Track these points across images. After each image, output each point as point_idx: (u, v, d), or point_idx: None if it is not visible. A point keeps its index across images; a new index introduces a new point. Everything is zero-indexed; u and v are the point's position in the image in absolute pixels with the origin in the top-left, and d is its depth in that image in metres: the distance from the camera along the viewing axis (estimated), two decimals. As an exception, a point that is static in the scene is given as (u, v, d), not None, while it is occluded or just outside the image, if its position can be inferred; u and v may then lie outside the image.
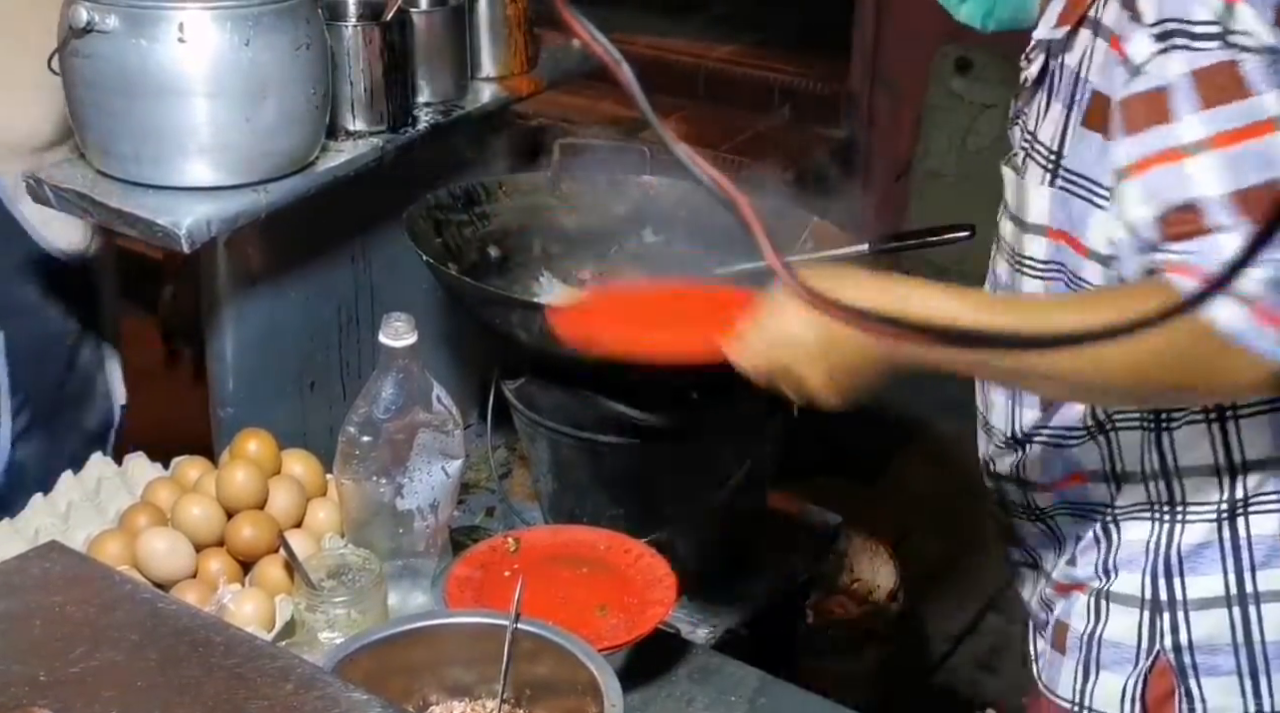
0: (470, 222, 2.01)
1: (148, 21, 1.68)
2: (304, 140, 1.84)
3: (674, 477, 1.86)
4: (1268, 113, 1.23)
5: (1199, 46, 1.24)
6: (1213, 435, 1.41)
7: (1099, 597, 1.50)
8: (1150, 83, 1.26)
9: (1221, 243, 1.23)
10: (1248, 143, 1.23)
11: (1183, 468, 1.43)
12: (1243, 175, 1.23)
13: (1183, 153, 1.25)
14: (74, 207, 1.79)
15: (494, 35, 2.18)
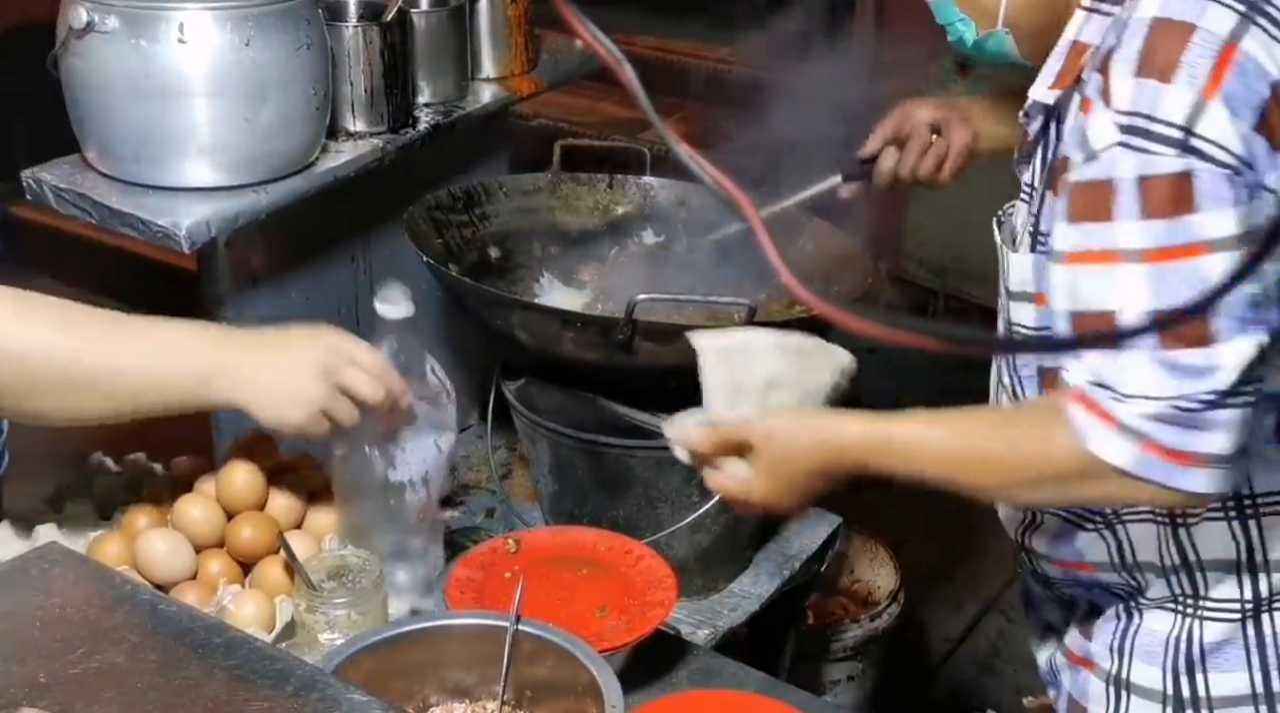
0: (470, 222, 2.02)
1: (148, 22, 1.68)
2: (304, 141, 1.83)
3: (674, 478, 1.85)
4: (1205, 235, 1.18)
5: (1155, 150, 1.18)
6: (1233, 531, 1.39)
7: (1116, 684, 1.47)
8: (1100, 172, 1.22)
9: (1125, 367, 1.21)
10: (1177, 262, 1.19)
11: (1205, 562, 1.40)
12: (1165, 296, 1.19)
13: (1114, 258, 1.21)
14: (74, 207, 1.79)
15: (494, 36, 2.18)
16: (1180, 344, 1.20)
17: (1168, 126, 1.19)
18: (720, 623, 1.92)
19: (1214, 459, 1.23)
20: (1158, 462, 1.22)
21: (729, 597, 1.97)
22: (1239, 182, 1.19)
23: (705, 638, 1.87)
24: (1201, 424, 1.21)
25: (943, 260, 4.04)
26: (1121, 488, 1.25)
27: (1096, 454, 1.23)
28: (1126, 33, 1.22)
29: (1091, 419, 1.24)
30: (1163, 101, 1.19)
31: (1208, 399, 1.20)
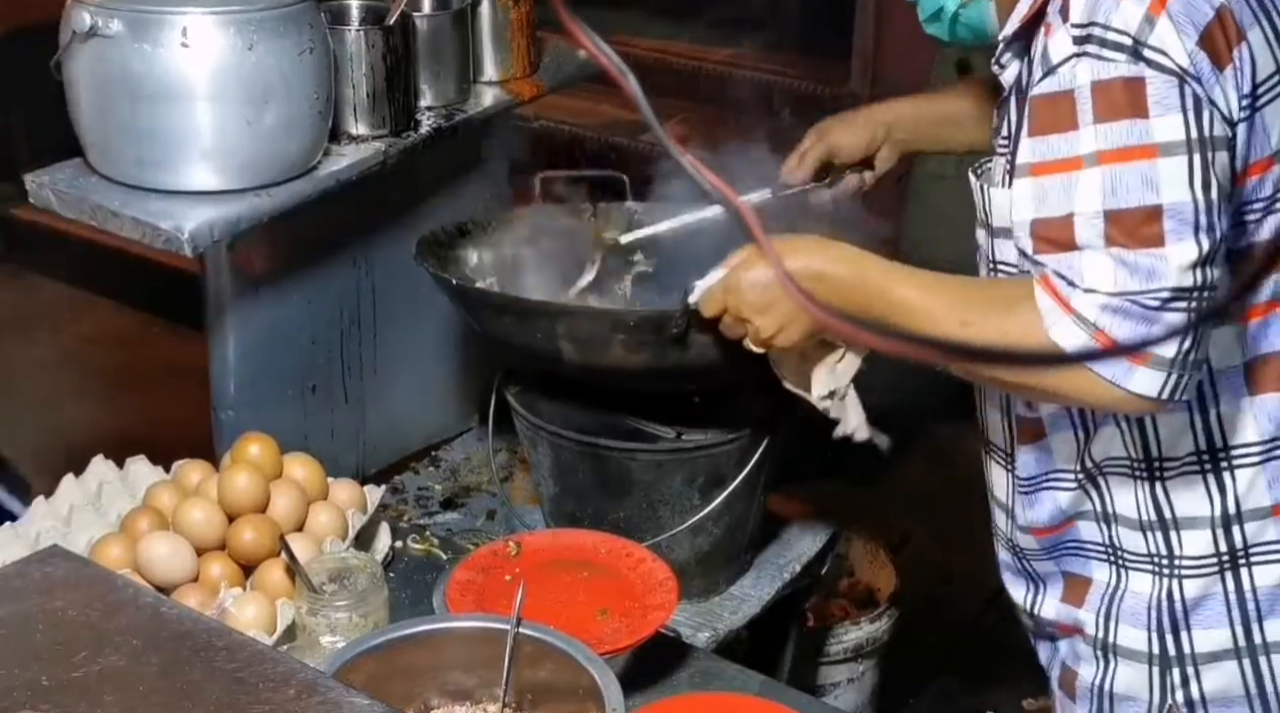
0: (465, 256, 2.01)
1: (151, 26, 1.68)
2: (306, 144, 1.84)
3: (675, 481, 1.86)
4: (1155, 137, 1.25)
5: (1108, 56, 1.25)
6: (1208, 485, 1.42)
7: (1104, 649, 1.50)
8: (1058, 85, 1.29)
9: (1083, 262, 1.27)
10: (1130, 164, 1.25)
11: (1180, 519, 1.44)
12: (1119, 196, 1.25)
13: (1076, 164, 1.27)
14: (77, 210, 1.79)
15: (496, 39, 2.18)
16: (1133, 243, 1.26)
17: (1120, 34, 1.25)
18: (720, 626, 1.92)
19: (1163, 362, 1.27)
20: (1107, 357, 1.28)
21: (729, 599, 1.97)
22: (1187, 90, 1.25)
23: (706, 641, 1.87)
24: (1152, 320, 1.26)
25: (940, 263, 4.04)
26: (1070, 378, 1.30)
27: (1054, 339, 1.29)
28: None
29: (1053, 305, 1.30)
30: (1115, 13, 1.26)
31: (1160, 297, 1.26)
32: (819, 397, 1.60)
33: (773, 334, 1.49)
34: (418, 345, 2.25)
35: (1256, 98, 1.30)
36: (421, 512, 2.15)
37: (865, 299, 1.41)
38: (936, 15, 1.45)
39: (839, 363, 1.58)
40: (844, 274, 1.42)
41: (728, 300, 1.51)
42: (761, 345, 1.52)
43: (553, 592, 1.56)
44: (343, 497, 1.69)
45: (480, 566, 1.60)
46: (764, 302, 1.47)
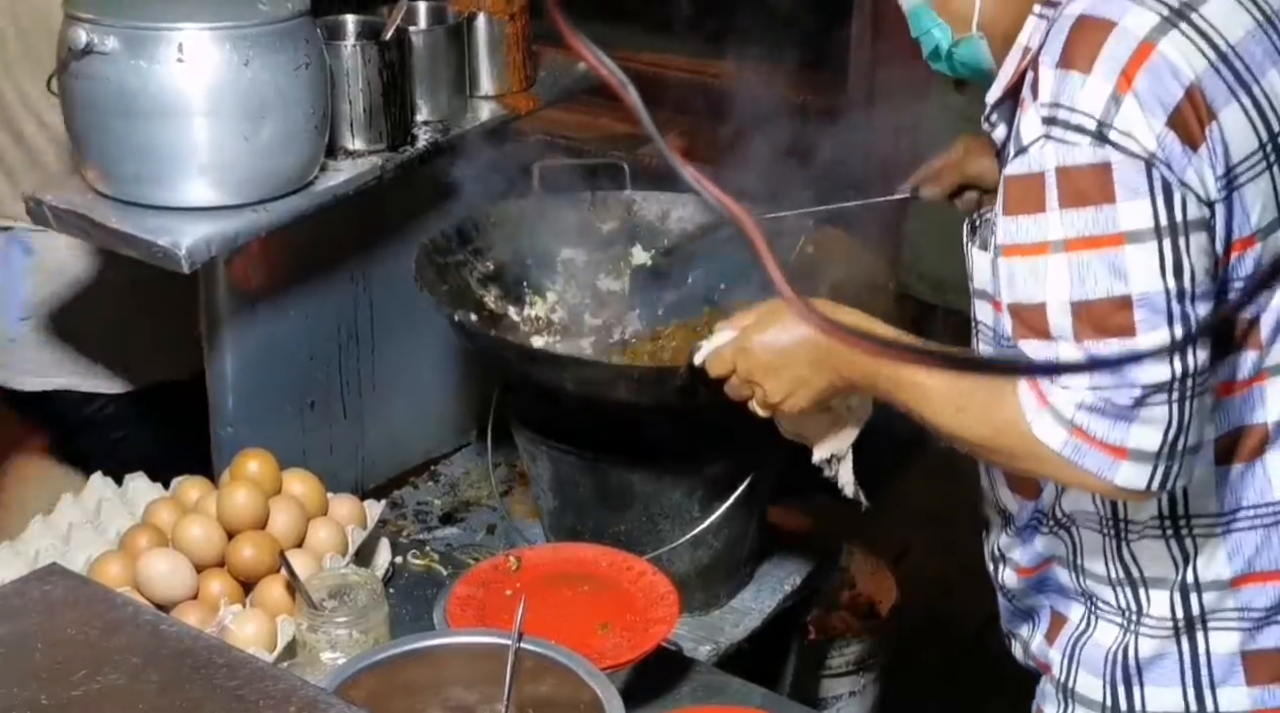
0: (466, 260, 2.01)
1: (147, 42, 1.68)
2: (303, 159, 1.84)
3: (675, 494, 1.85)
4: (1121, 225, 1.21)
5: (1072, 140, 1.22)
6: (1170, 549, 1.40)
7: (1063, 691, 1.51)
8: (1028, 166, 1.25)
9: (1058, 354, 1.25)
10: (1097, 252, 1.22)
11: (1147, 578, 1.42)
12: (1087, 286, 1.22)
13: (1043, 250, 1.24)
14: (74, 228, 1.79)
15: (492, 54, 2.19)
16: (1101, 335, 1.23)
17: (1085, 117, 1.22)
18: (722, 639, 1.92)
19: (1147, 455, 1.25)
20: (1090, 450, 1.25)
21: (730, 612, 1.97)
22: (1155, 174, 1.21)
23: (707, 654, 1.87)
24: (1130, 417, 1.23)
25: (941, 274, 4.04)
26: (1058, 469, 1.29)
27: (1036, 435, 1.27)
28: (1054, 29, 1.27)
29: (1033, 399, 1.28)
30: (1080, 93, 1.23)
31: (1133, 395, 1.23)
32: (819, 459, 1.62)
33: (781, 399, 1.48)
34: (416, 360, 2.24)
35: (1234, 177, 1.26)
36: (421, 527, 2.14)
37: (866, 369, 1.41)
38: (936, 53, 1.43)
39: (840, 430, 1.60)
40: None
41: (737, 362, 1.50)
42: (768, 409, 1.51)
43: (554, 606, 1.55)
44: (342, 513, 1.68)
45: (481, 580, 1.59)
46: (775, 365, 1.46)
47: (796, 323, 1.44)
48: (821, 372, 1.44)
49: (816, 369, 1.44)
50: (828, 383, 1.45)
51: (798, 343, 1.44)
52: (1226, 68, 1.26)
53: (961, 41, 1.40)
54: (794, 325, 1.44)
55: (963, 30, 1.39)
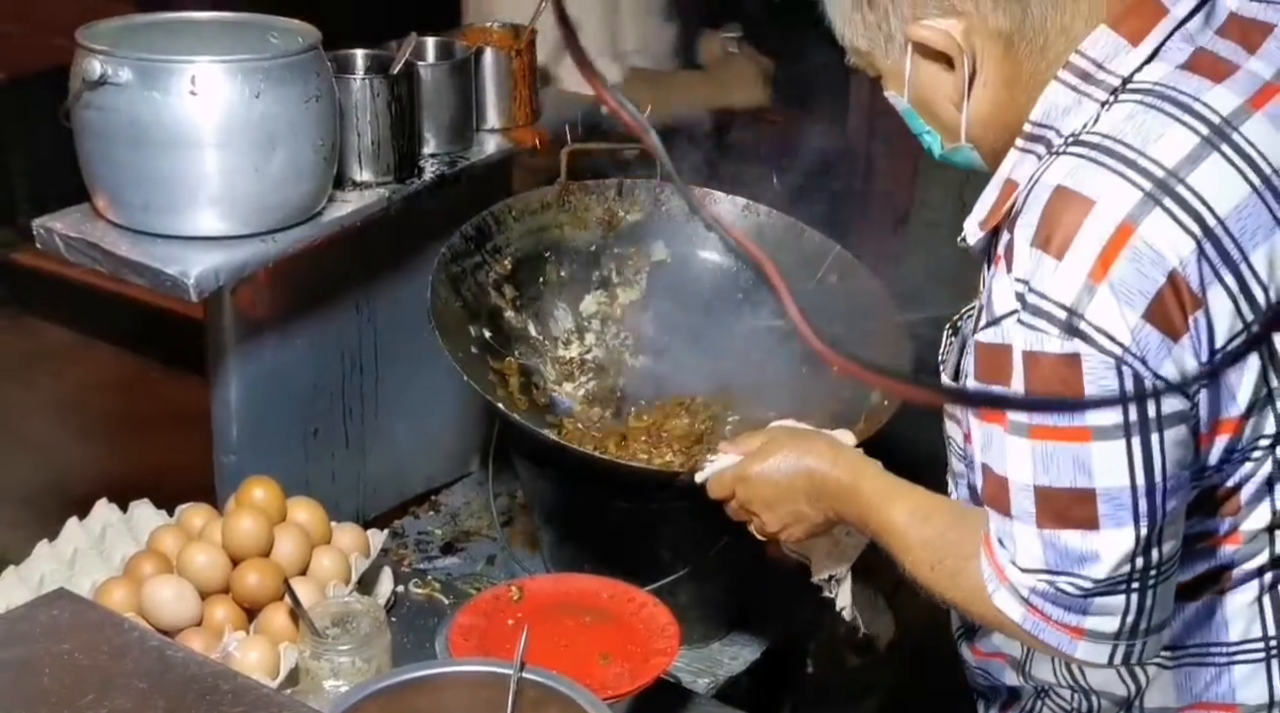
0: (484, 262, 2.00)
1: (160, 74, 1.71)
2: (312, 191, 1.86)
3: (676, 526, 1.86)
4: (1088, 420, 1.16)
5: (1040, 327, 1.15)
6: (1121, 675, 1.37)
7: None
8: (998, 337, 1.20)
9: (1016, 532, 1.22)
10: (1061, 444, 1.17)
11: (1097, 691, 1.40)
12: (1050, 474, 1.18)
13: (1005, 425, 1.21)
14: (83, 256, 1.80)
15: (499, 88, 2.21)
16: (1060, 525, 1.19)
17: (1056, 306, 1.15)
18: (720, 672, 1.93)
19: (1105, 636, 1.23)
20: (1048, 628, 1.24)
21: (729, 645, 1.98)
22: (1126, 371, 1.14)
23: (706, 687, 1.87)
24: (1085, 607, 1.21)
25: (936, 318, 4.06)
26: (1022, 637, 1.28)
27: (997, 606, 1.26)
28: (1031, 196, 1.19)
29: (992, 572, 1.27)
30: (1053, 279, 1.15)
31: (1084, 588, 1.20)
32: (818, 579, 1.66)
33: (778, 530, 1.52)
34: (419, 390, 2.26)
35: (1219, 360, 1.17)
36: (421, 556, 2.15)
37: (858, 509, 1.43)
38: (929, 151, 1.38)
39: (841, 552, 1.64)
40: (843, 480, 1.44)
41: (737, 489, 1.53)
42: (766, 537, 1.56)
43: (555, 636, 1.56)
44: (345, 541, 1.69)
45: (482, 610, 1.60)
46: (773, 497, 1.49)
47: (796, 457, 1.47)
48: (818, 507, 1.47)
49: (813, 504, 1.47)
50: (823, 518, 1.48)
51: (796, 475, 1.47)
52: (1213, 246, 1.15)
53: (954, 151, 1.34)
54: (793, 459, 1.47)
55: (952, 140, 1.33)
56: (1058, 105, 1.23)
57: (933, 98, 1.30)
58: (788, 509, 1.50)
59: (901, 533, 1.37)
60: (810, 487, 1.47)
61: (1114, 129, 1.18)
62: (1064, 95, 1.23)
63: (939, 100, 1.30)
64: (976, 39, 1.24)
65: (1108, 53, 1.21)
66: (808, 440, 1.51)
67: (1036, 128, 1.25)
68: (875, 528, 1.41)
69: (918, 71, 1.29)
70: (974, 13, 1.23)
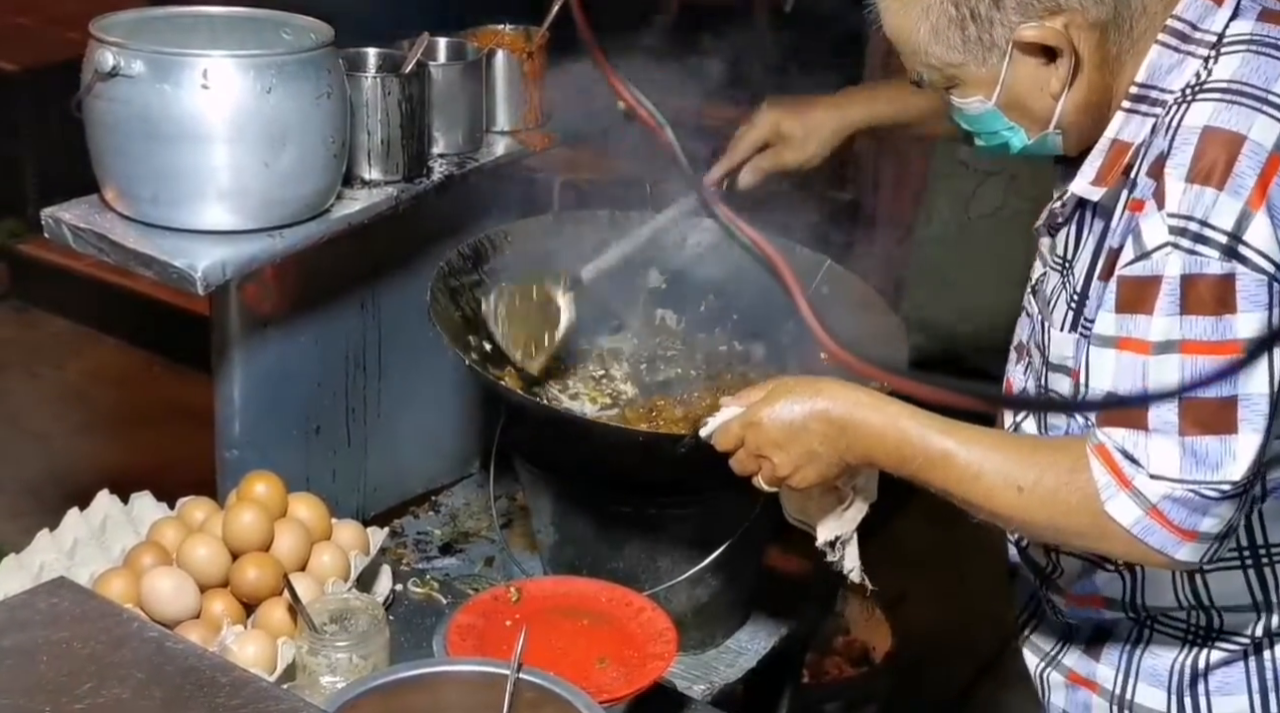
0: (481, 280, 2.01)
1: (173, 67, 1.71)
2: (321, 187, 1.86)
3: (676, 532, 1.86)
4: (1239, 334, 1.27)
5: (1202, 252, 1.27)
6: (1248, 578, 1.45)
7: (1119, 704, 1.53)
8: (1148, 270, 1.30)
9: (1151, 445, 1.29)
10: (1211, 357, 1.27)
11: (1219, 606, 1.47)
12: (1198, 386, 1.28)
13: (1150, 348, 1.29)
14: (91, 247, 1.81)
15: (509, 90, 2.21)
16: (1204, 431, 1.28)
17: (1216, 231, 1.27)
18: (716, 678, 1.92)
19: (1210, 538, 1.31)
20: (1160, 530, 1.30)
21: (725, 652, 1.97)
22: (1276, 288, 1.27)
23: (702, 693, 1.87)
24: (1208, 509, 1.29)
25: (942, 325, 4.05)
26: (1120, 545, 1.33)
27: (1110, 513, 1.31)
28: (1178, 138, 1.30)
29: (1110, 478, 1.31)
30: (1212, 208, 1.27)
31: (1222, 489, 1.29)
32: (823, 542, 1.62)
33: (789, 473, 1.47)
34: (421, 389, 2.26)
35: None
36: (420, 556, 2.15)
37: (899, 450, 1.40)
38: (1002, 147, 1.45)
39: (846, 510, 1.60)
40: (871, 420, 1.41)
41: (746, 435, 1.49)
42: (775, 483, 1.50)
43: (552, 638, 1.56)
44: (345, 538, 1.70)
45: (481, 610, 1.60)
46: (785, 438, 1.46)
47: (807, 398, 1.44)
48: (834, 447, 1.44)
49: (828, 444, 1.44)
50: (839, 458, 1.45)
51: (810, 417, 1.44)
52: None
53: (1040, 139, 1.43)
54: (805, 400, 1.44)
55: (1038, 130, 1.42)
56: (1161, 66, 1.37)
57: (1028, 93, 1.39)
58: (800, 449, 1.45)
59: (965, 462, 1.36)
60: (827, 428, 1.43)
61: (1236, 74, 1.32)
62: (1167, 56, 1.37)
63: (1034, 94, 1.39)
64: (1075, 32, 1.35)
65: (1199, 14, 1.36)
66: (818, 383, 1.47)
67: (1141, 88, 1.38)
68: (922, 463, 1.39)
69: (1014, 72, 1.38)
70: (1077, 7, 1.35)
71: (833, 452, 1.44)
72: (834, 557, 1.63)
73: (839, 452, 1.44)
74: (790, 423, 1.45)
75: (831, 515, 1.60)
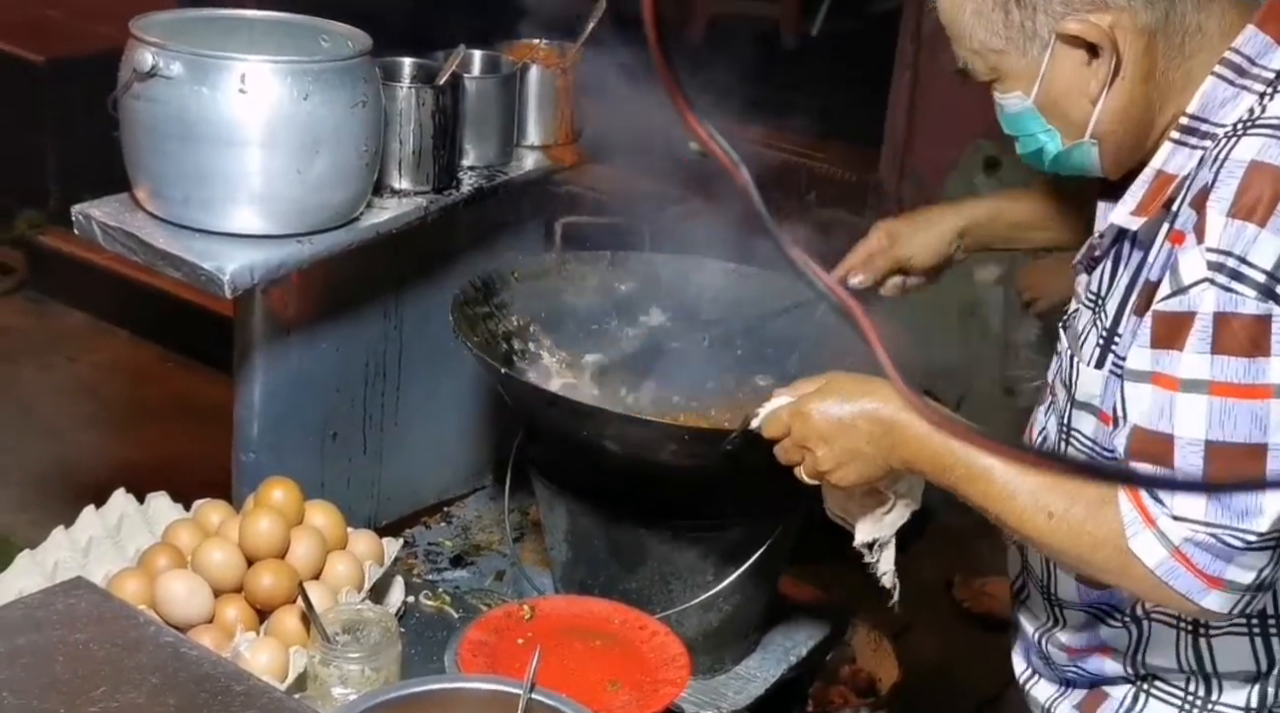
0: (491, 313, 2.02)
1: (211, 70, 1.71)
2: (351, 195, 1.86)
3: (690, 555, 1.86)
4: (1272, 378, 1.24)
5: (1238, 290, 1.24)
6: (1255, 647, 1.42)
7: None
8: (1183, 305, 1.27)
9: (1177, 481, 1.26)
10: (1242, 401, 1.24)
11: (1221, 673, 1.44)
12: (1225, 430, 1.25)
13: (1179, 385, 1.26)
14: (120, 245, 1.81)
15: (541, 105, 2.21)
16: (1231, 479, 1.25)
17: (1254, 269, 1.24)
18: (725, 705, 1.91)
19: (1239, 587, 1.28)
20: (1185, 575, 1.28)
21: (735, 678, 1.96)
22: None
23: (709, 719, 1.86)
24: (1234, 557, 1.27)
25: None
26: (1145, 585, 1.31)
27: (1134, 550, 1.29)
28: (1223, 172, 1.27)
29: (1136, 514, 1.29)
30: (1252, 245, 1.24)
31: (1246, 539, 1.26)
32: (860, 543, 1.60)
33: (831, 468, 1.46)
34: (439, 400, 2.26)
35: None
36: (430, 567, 2.14)
37: (941, 458, 1.39)
38: (1037, 155, 1.43)
39: (886, 514, 1.58)
40: (921, 428, 1.39)
41: (793, 425, 1.48)
42: (816, 477, 1.49)
43: (564, 659, 1.56)
44: (361, 548, 1.69)
45: (493, 627, 1.60)
46: (831, 432, 1.45)
47: (858, 396, 1.43)
48: (879, 448, 1.43)
49: (874, 445, 1.43)
50: (883, 460, 1.43)
51: (858, 415, 1.43)
52: None
53: (1073, 149, 1.40)
54: (855, 398, 1.43)
55: (1074, 137, 1.39)
56: (1215, 99, 1.34)
57: (1065, 93, 1.36)
58: (844, 445, 1.44)
59: (1003, 481, 1.35)
60: (874, 428, 1.42)
61: None
62: (1222, 89, 1.33)
63: (1072, 95, 1.36)
64: (1121, 33, 1.32)
65: (1258, 50, 1.33)
66: (870, 383, 1.45)
67: (1192, 120, 1.35)
68: (962, 475, 1.37)
69: (1054, 67, 1.36)
70: (1125, 7, 1.32)
71: (876, 452, 1.43)
72: (870, 559, 1.61)
73: (882, 453, 1.43)
74: (839, 418, 1.44)
75: (871, 517, 1.58)
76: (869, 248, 1.88)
